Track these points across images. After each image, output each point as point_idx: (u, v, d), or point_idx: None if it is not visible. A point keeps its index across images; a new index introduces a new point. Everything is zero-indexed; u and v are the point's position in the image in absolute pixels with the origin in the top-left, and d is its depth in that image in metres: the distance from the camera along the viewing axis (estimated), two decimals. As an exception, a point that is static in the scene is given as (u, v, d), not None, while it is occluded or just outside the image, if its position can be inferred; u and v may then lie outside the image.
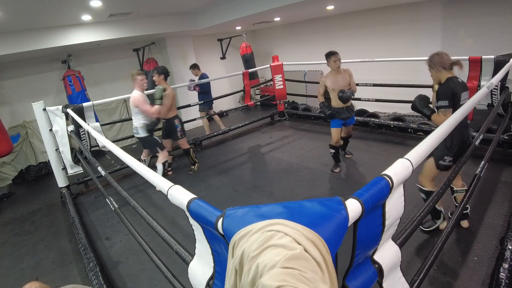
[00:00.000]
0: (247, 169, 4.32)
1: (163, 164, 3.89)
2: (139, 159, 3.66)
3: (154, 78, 3.81)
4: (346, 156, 4.17)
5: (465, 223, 2.44)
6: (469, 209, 2.46)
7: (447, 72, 2.21)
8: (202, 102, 5.40)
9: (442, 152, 2.22)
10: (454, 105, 2.08)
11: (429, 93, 2.59)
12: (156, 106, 3.49)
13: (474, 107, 2.54)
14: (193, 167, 4.35)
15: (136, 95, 3.49)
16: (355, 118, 3.83)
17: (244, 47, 7.04)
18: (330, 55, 3.42)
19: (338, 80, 3.45)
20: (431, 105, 2.32)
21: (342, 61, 3.49)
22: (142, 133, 3.66)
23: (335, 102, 3.52)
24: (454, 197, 2.45)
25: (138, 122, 3.61)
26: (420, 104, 2.28)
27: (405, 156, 1.08)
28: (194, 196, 1.04)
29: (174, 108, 4.05)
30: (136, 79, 3.52)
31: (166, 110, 3.83)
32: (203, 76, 5.41)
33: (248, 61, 6.99)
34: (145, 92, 3.73)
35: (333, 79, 3.46)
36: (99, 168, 2.35)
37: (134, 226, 2.03)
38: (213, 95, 5.73)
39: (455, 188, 2.40)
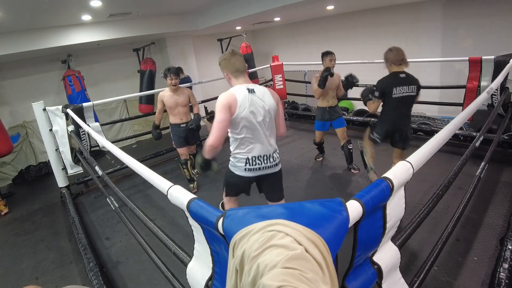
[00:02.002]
0: (247, 169, 4.31)
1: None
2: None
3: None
4: (352, 171, 3.70)
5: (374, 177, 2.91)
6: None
7: (395, 67, 2.49)
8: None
9: (374, 127, 2.77)
10: (384, 97, 2.54)
11: (429, 93, 2.60)
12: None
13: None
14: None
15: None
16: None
17: (244, 47, 7.04)
18: (326, 54, 3.50)
19: (329, 80, 3.44)
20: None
21: (341, 61, 3.54)
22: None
23: (320, 103, 3.64)
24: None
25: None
26: (363, 92, 2.72)
27: (406, 159, 1.08)
28: (194, 196, 1.04)
29: (171, 114, 3.59)
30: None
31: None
32: (186, 79, 5.31)
33: (248, 61, 6.98)
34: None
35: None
36: (97, 168, 2.35)
37: (134, 226, 2.03)
38: (213, 95, 5.70)
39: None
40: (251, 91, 1.82)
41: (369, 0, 4.94)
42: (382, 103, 2.62)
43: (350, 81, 3.36)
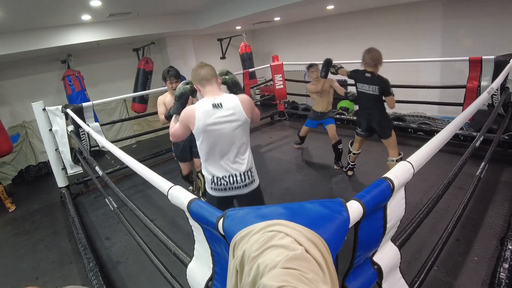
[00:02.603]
0: (247, 169, 4.31)
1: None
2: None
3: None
4: (335, 167, 3.84)
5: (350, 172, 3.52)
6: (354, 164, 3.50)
7: (366, 66, 2.87)
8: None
9: (356, 124, 3.23)
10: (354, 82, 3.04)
11: (429, 93, 2.61)
12: None
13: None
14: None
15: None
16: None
17: (244, 46, 7.04)
18: (309, 67, 3.85)
19: (318, 86, 3.73)
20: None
21: (342, 61, 3.61)
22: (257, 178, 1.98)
23: (315, 107, 3.95)
24: (388, 164, 3.05)
25: (250, 154, 1.88)
26: (326, 63, 3.42)
27: (407, 159, 1.08)
28: (194, 196, 1.04)
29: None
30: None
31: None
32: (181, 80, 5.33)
33: (247, 60, 6.99)
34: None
35: (315, 84, 3.79)
36: (97, 168, 2.35)
37: (133, 226, 2.03)
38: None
39: (388, 158, 3.07)
40: (216, 105, 1.68)
41: (369, 0, 4.94)
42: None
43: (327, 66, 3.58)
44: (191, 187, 3.52)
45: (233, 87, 1.98)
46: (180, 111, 1.82)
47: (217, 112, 1.68)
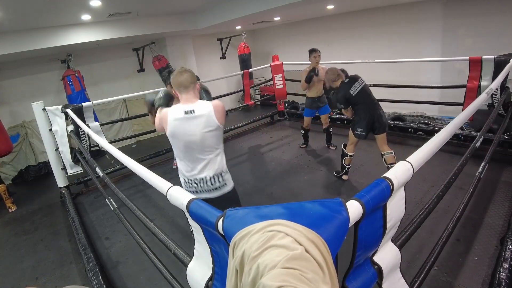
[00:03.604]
0: (247, 169, 4.31)
1: None
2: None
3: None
4: (330, 148, 4.44)
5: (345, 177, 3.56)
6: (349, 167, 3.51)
7: (337, 81, 3.20)
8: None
9: (355, 125, 3.19)
10: (350, 101, 3.13)
11: (429, 93, 2.60)
12: None
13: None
14: None
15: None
16: (328, 106, 4.34)
17: (242, 47, 7.03)
18: (311, 52, 4.07)
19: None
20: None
21: (341, 61, 3.68)
22: (231, 181, 2.01)
23: (309, 93, 4.25)
24: (384, 159, 3.17)
25: (222, 159, 1.93)
26: (336, 106, 3.39)
27: (407, 159, 1.08)
28: (194, 196, 1.04)
29: None
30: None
31: None
32: None
33: (245, 61, 6.99)
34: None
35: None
36: (98, 169, 2.35)
37: (133, 226, 2.03)
38: (213, 95, 5.71)
39: (382, 152, 3.18)
40: (189, 112, 1.74)
41: (369, 0, 4.94)
42: (351, 106, 3.17)
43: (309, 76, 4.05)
44: None
45: (205, 96, 2.09)
46: (163, 106, 1.93)
47: (188, 118, 1.74)
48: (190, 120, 1.74)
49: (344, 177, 3.56)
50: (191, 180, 1.86)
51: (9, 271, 2.75)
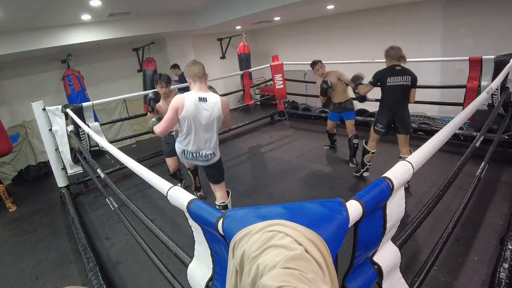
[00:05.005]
0: (247, 169, 4.31)
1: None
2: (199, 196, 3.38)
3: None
4: (351, 165, 3.88)
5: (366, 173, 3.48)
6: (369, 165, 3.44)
7: (393, 61, 2.91)
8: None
9: (376, 121, 3.14)
10: (379, 84, 2.98)
11: (429, 93, 2.61)
12: None
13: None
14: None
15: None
16: (354, 112, 4.00)
17: (242, 46, 7.03)
18: (313, 65, 3.87)
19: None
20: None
21: (341, 61, 3.62)
22: (219, 154, 2.49)
23: (332, 99, 4.01)
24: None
25: (217, 141, 2.39)
26: (353, 77, 3.36)
27: (407, 159, 1.08)
28: (194, 197, 1.04)
29: None
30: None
31: None
32: (182, 75, 5.38)
33: (244, 61, 7.00)
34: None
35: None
36: (99, 171, 2.35)
37: (133, 226, 2.03)
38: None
39: (400, 155, 3.10)
40: (202, 99, 2.14)
41: (369, 0, 4.94)
42: (381, 92, 3.05)
43: (323, 87, 3.76)
44: (179, 184, 3.64)
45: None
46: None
47: (202, 104, 2.15)
48: (202, 105, 2.15)
49: (365, 174, 3.45)
50: (189, 152, 2.35)
51: (9, 271, 2.75)
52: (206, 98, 2.14)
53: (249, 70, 6.01)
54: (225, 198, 2.55)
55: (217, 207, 2.54)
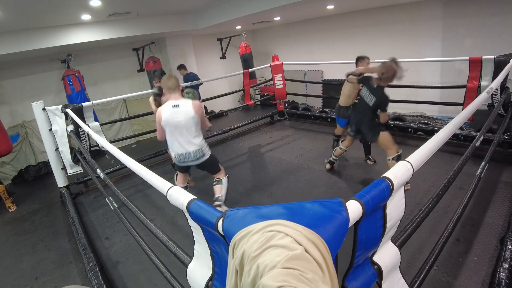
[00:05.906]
0: (247, 169, 4.31)
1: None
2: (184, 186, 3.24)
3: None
4: (368, 162, 3.83)
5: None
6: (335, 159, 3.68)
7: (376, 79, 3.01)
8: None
9: (349, 125, 3.41)
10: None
11: (429, 93, 2.59)
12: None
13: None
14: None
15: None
16: None
17: (244, 46, 7.03)
18: (361, 59, 3.86)
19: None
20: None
21: (341, 61, 3.57)
22: (209, 152, 2.82)
23: (346, 101, 3.83)
24: (388, 164, 3.06)
25: (201, 140, 2.71)
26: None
27: (406, 159, 1.08)
28: (194, 197, 1.04)
29: None
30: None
31: None
32: (191, 76, 5.37)
33: (247, 60, 7.00)
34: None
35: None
36: (98, 171, 2.35)
37: (133, 226, 2.03)
38: (213, 95, 5.73)
39: (387, 157, 3.07)
40: (175, 106, 2.55)
41: (369, 0, 4.94)
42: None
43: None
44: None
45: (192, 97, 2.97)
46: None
47: (175, 109, 2.55)
48: (176, 110, 2.55)
49: (328, 166, 3.76)
50: (179, 154, 2.68)
51: (9, 271, 2.75)
52: (178, 105, 2.54)
53: (249, 70, 6.01)
54: (222, 176, 2.90)
55: (215, 202, 2.82)
